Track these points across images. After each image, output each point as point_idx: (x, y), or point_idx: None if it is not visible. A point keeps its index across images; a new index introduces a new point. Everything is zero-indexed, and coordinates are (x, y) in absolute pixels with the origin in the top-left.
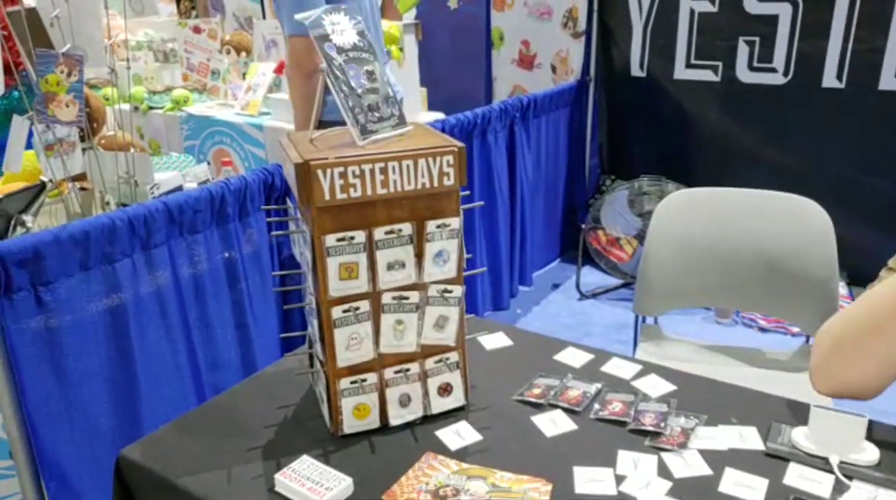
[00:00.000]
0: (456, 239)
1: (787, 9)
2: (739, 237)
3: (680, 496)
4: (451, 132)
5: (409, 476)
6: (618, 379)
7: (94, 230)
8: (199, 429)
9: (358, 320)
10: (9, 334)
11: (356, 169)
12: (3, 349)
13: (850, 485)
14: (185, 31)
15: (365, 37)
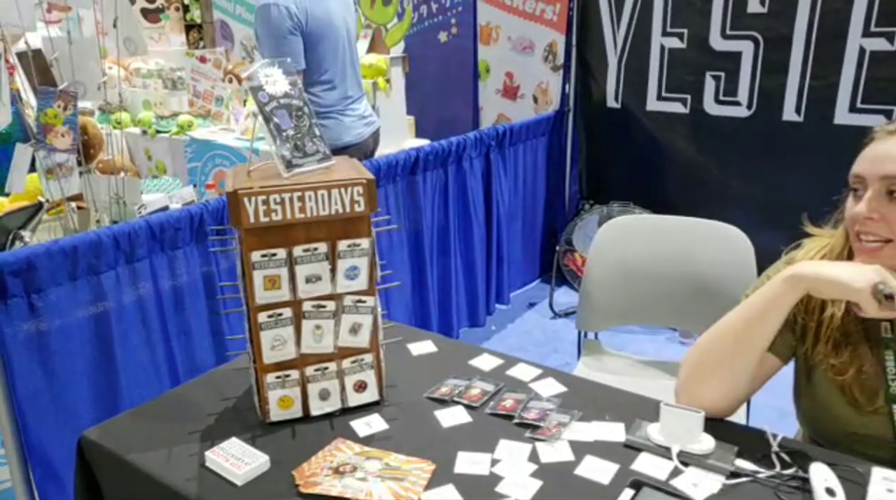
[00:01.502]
0: (366, 256)
1: (750, 46)
2: (671, 260)
3: (541, 477)
4: (427, 159)
5: (318, 457)
6: (518, 381)
7: (82, 245)
8: (153, 415)
9: (281, 324)
10: (3, 336)
11: (277, 197)
12: None
13: (685, 470)
14: (192, 61)
15: (296, 86)
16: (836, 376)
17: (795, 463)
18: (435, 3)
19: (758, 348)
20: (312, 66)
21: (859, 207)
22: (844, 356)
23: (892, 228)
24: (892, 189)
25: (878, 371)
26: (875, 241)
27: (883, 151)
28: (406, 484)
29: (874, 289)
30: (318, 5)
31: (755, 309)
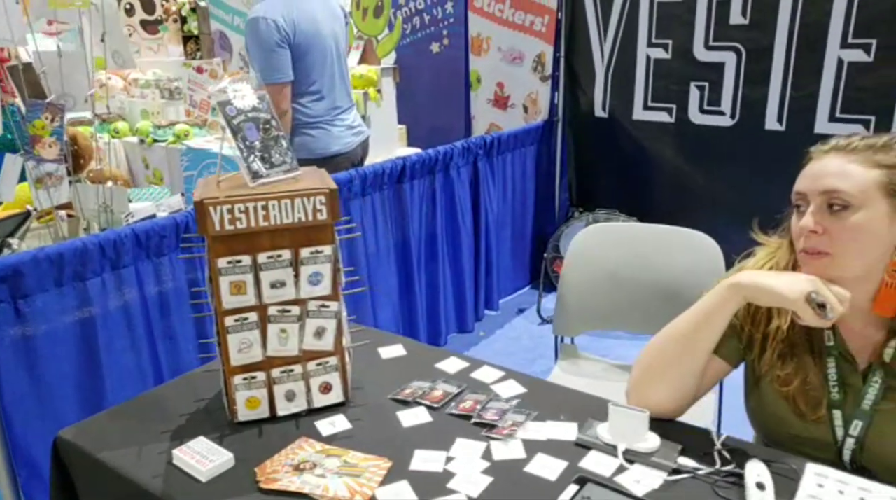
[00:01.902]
0: (329, 263)
1: (732, 57)
2: (644, 266)
3: (492, 474)
4: (414, 168)
5: (281, 455)
6: (481, 383)
7: (68, 252)
8: (128, 416)
9: (247, 328)
10: None
11: (242, 206)
12: None
13: (630, 467)
14: (189, 71)
15: (264, 100)
16: (781, 387)
17: (735, 461)
18: (427, 15)
19: (702, 352)
20: (301, 77)
21: (804, 221)
22: (790, 368)
23: (833, 240)
24: (832, 203)
25: (821, 382)
26: (818, 253)
27: (820, 169)
28: (362, 480)
29: (808, 297)
30: (306, 18)
31: (700, 314)
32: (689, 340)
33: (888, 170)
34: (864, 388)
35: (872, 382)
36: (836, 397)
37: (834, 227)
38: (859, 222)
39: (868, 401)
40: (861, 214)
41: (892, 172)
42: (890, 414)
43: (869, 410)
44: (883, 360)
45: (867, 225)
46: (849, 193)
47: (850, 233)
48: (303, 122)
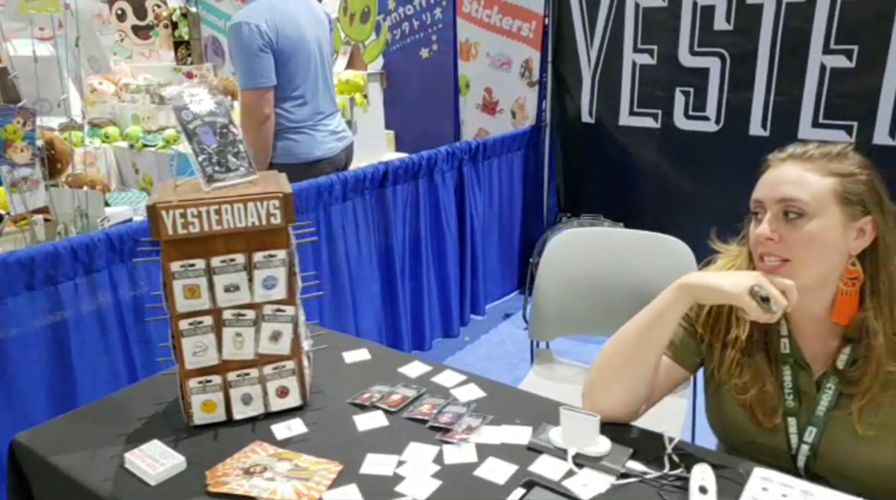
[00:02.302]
0: (283, 267)
1: (717, 63)
2: (617, 271)
3: (442, 477)
4: (396, 173)
5: (234, 458)
6: (441, 387)
7: (39, 256)
8: (86, 419)
9: (202, 331)
10: None
11: (194, 210)
12: None
13: (578, 472)
14: (179, 77)
15: (222, 105)
16: (738, 395)
17: (685, 465)
18: (416, 21)
19: (653, 353)
20: (283, 82)
21: (761, 228)
22: (747, 376)
23: (790, 247)
24: (788, 210)
25: (777, 390)
26: (775, 260)
27: (777, 177)
28: (311, 484)
29: (751, 291)
30: (289, 24)
31: (649, 317)
32: (640, 341)
33: (842, 178)
34: (818, 395)
35: (826, 389)
36: (791, 404)
37: (790, 235)
38: (814, 230)
39: (822, 408)
40: (816, 222)
41: (845, 180)
42: (842, 421)
43: (822, 416)
44: (836, 367)
45: (822, 233)
46: (804, 201)
47: (805, 241)
48: (286, 127)
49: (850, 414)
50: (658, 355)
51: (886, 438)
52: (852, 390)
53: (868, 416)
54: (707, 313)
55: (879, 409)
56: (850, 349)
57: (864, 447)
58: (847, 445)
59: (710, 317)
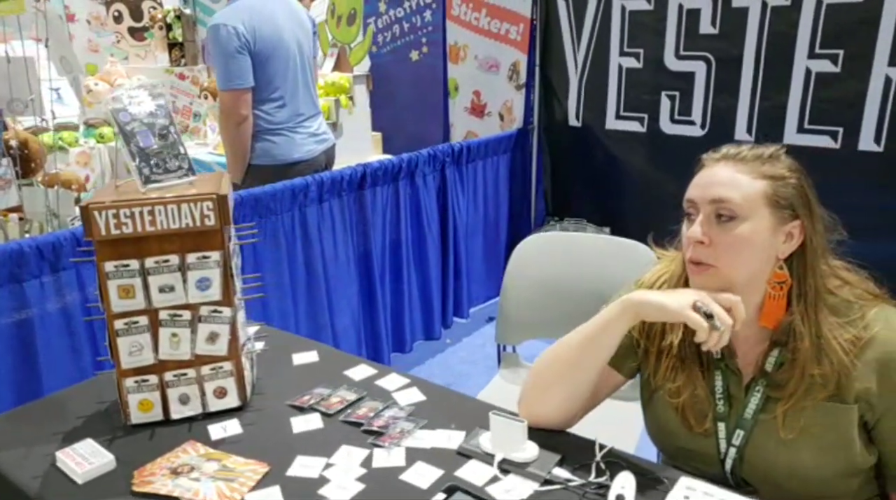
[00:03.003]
0: (218, 268)
1: (702, 67)
2: (582, 275)
3: (367, 481)
4: (375, 175)
5: (164, 458)
6: (383, 390)
7: (3, 255)
8: (28, 417)
9: (137, 331)
10: None
11: (127, 211)
12: None
13: (503, 478)
14: (171, 78)
15: (163, 107)
16: (671, 399)
17: (611, 472)
18: (406, 23)
19: (593, 368)
20: (262, 83)
21: (692, 231)
22: (680, 380)
23: (718, 252)
24: (721, 213)
25: (707, 395)
26: (703, 265)
27: (710, 177)
28: (234, 485)
29: (694, 307)
30: (267, 25)
31: (591, 331)
32: (579, 357)
33: (773, 181)
34: (746, 398)
35: (755, 392)
36: (722, 409)
37: (720, 238)
38: (744, 233)
39: (750, 410)
40: (746, 224)
41: (776, 183)
42: (767, 425)
43: (750, 419)
44: (765, 370)
45: (751, 236)
46: (736, 202)
47: (735, 244)
48: (265, 128)
49: (774, 418)
50: (596, 370)
51: (806, 442)
52: (778, 394)
53: (791, 420)
54: (642, 321)
55: (802, 413)
56: (778, 352)
57: (785, 451)
58: (770, 449)
59: (646, 324)
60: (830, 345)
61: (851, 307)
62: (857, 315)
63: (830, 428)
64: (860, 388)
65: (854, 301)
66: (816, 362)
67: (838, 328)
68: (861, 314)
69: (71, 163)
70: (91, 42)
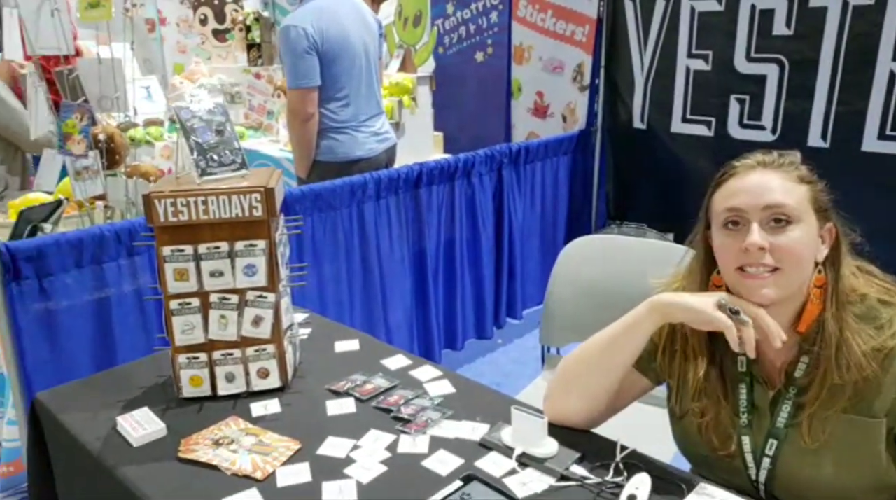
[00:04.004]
0: (264, 256)
1: (775, 70)
2: (629, 279)
3: (390, 464)
4: (431, 174)
5: (208, 430)
6: (415, 380)
7: (87, 238)
8: (98, 385)
9: (190, 311)
10: (16, 313)
11: (183, 200)
12: (12, 326)
13: (521, 471)
14: (248, 77)
15: (221, 105)
16: (695, 419)
17: (630, 473)
18: (473, 25)
19: (618, 367)
20: (328, 83)
21: (754, 238)
22: (704, 402)
23: (780, 256)
24: (777, 217)
25: (732, 419)
26: (764, 270)
27: (759, 184)
28: (268, 458)
29: (719, 305)
30: (335, 27)
31: (617, 332)
32: (603, 358)
33: (811, 186)
34: (777, 408)
35: (785, 400)
36: (745, 421)
37: (779, 242)
38: (799, 237)
39: (781, 419)
40: (800, 228)
41: (814, 187)
42: (796, 434)
43: (783, 427)
44: (794, 377)
45: (805, 239)
46: (791, 206)
47: (794, 247)
48: (329, 126)
49: (800, 426)
50: (622, 369)
51: (830, 455)
52: (804, 400)
53: (816, 429)
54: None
55: (826, 423)
56: (808, 359)
57: (810, 462)
58: (795, 460)
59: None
60: (852, 350)
61: (879, 313)
62: (884, 321)
63: (857, 442)
64: (889, 401)
65: (880, 306)
66: (837, 367)
67: (862, 334)
68: (889, 320)
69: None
70: (179, 43)
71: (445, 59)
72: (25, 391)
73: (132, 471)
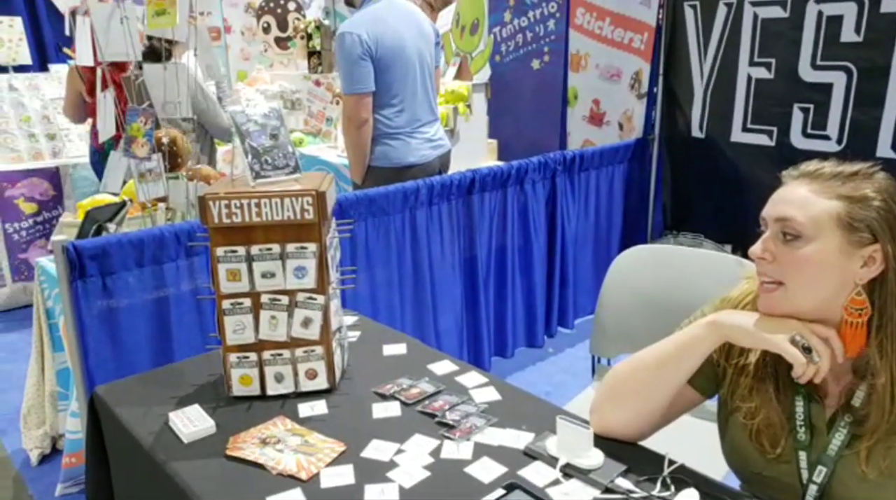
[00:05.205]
0: (314, 259)
1: (842, 77)
2: (681, 290)
3: (433, 469)
4: (484, 181)
5: (256, 428)
6: (461, 386)
7: (148, 238)
8: (153, 381)
9: (242, 312)
10: (80, 309)
11: (237, 202)
12: (76, 322)
13: (565, 482)
14: (308, 84)
15: (276, 110)
16: (745, 421)
17: (677, 488)
18: (530, 32)
19: (671, 385)
20: (382, 89)
21: (754, 247)
22: (756, 401)
23: (784, 270)
24: (785, 231)
25: (782, 420)
26: (770, 282)
27: (782, 195)
28: (313, 459)
29: (792, 340)
30: (390, 35)
31: (673, 349)
32: (659, 371)
33: (847, 202)
34: (830, 433)
35: (840, 427)
36: (802, 437)
37: (784, 257)
38: (808, 254)
39: (834, 447)
40: (812, 245)
41: (850, 204)
42: (851, 460)
43: (834, 456)
44: (852, 404)
45: (816, 257)
46: (801, 222)
47: (798, 263)
48: (383, 132)
49: (857, 454)
50: (675, 388)
51: (891, 483)
52: (862, 431)
53: (875, 459)
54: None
55: (888, 452)
56: (867, 387)
57: (868, 489)
58: (852, 487)
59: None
60: None
61: None
62: None
63: None
64: None
65: None
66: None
67: None
68: None
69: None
70: (244, 51)
71: (502, 66)
72: (87, 386)
73: (181, 466)
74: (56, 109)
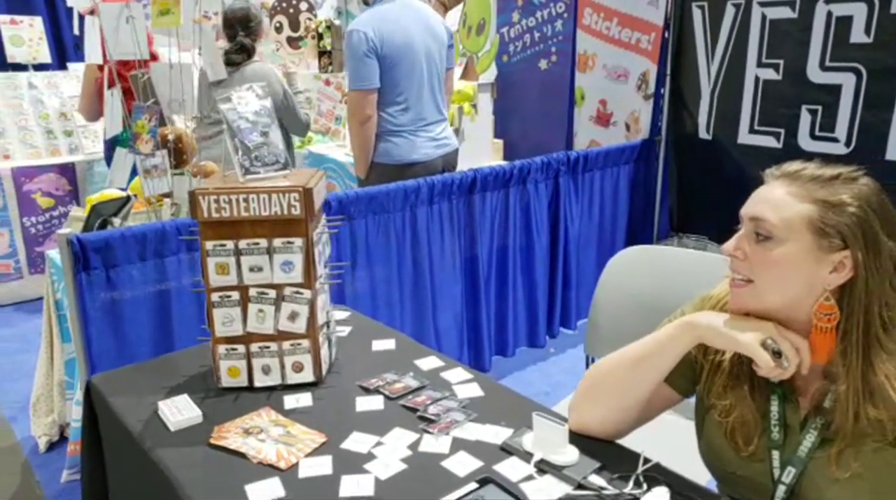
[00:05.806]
0: (300, 253)
1: (851, 79)
2: (676, 291)
3: (410, 462)
4: (485, 180)
5: (241, 419)
6: (445, 381)
7: (150, 232)
8: (147, 370)
9: (230, 304)
10: (84, 301)
11: (226, 197)
12: (80, 313)
13: (538, 477)
14: (318, 83)
15: (267, 108)
16: (720, 419)
17: (650, 486)
18: (537, 32)
19: (647, 384)
20: (388, 87)
21: (726, 244)
22: (730, 399)
23: (753, 268)
24: (758, 232)
25: (756, 418)
26: (740, 279)
27: (760, 194)
28: (293, 449)
29: (763, 343)
30: (398, 33)
31: (650, 348)
32: (635, 370)
33: (821, 206)
34: (801, 434)
35: (811, 428)
36: (776, 437)
37: (755, 255)
38: (778, 256)
39: (805, 448)
40: (783, 247)
41: (824, 209)
42: (822, 462)
43: (805, 458)
44: (823, 406)
45: (785, 259)
46: (772, 223)
47: (767, 264)
48: (388, 129)
49: (829, 456)
50: (650, 386)
51: (861, 486)
52: (831, 434)
53: (845, 462)
54: None
55: (858, 455)
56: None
57: (839, 491)
58: (822, 488)
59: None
60: (884, 390)
61: None
62: None
63: (889, 475)
64: None
65: None
66: (871, 406)
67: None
68: None
69: None
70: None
71: (509, 66)
72: (89, 375)
73: (166, 453)
74: (74, 107)
